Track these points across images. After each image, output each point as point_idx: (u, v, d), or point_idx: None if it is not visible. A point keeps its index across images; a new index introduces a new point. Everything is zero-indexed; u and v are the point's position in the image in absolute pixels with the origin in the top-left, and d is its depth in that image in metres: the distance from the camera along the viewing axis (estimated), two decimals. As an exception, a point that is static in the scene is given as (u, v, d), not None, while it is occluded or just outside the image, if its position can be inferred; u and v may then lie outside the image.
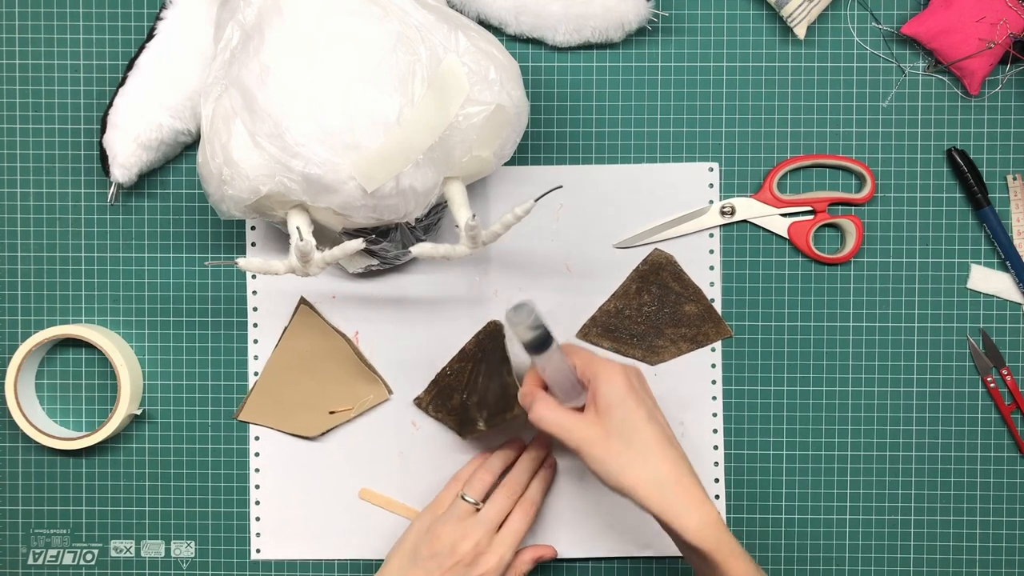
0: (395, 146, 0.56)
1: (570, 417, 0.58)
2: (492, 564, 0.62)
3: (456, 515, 0.64)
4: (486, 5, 0.68)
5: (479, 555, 0.62)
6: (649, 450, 0.57)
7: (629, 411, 0.57)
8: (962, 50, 0.67)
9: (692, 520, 0.56)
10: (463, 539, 0.63)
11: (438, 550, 0.63)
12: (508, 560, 0.63)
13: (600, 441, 0.57)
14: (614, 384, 0.57)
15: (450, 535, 0.63)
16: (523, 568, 0.66)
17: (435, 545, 0.63)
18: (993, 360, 0.70)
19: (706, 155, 0.71)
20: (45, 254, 0.72)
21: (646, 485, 0.56)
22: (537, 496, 0.67)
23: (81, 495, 0.72)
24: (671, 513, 0.56)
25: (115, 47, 0.71)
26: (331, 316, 0.71)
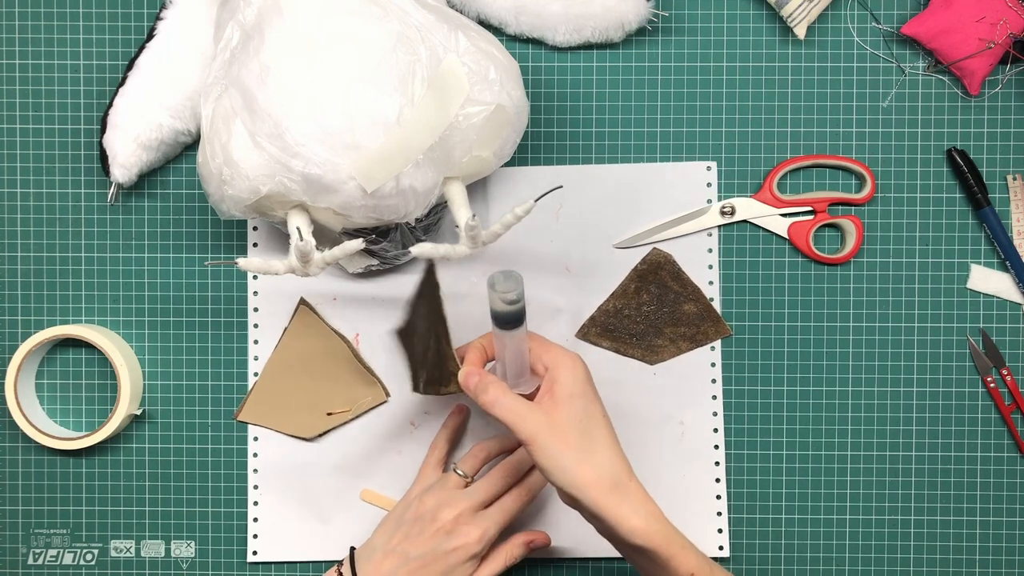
0: (395, 146, 0.56)
1: (525, 405, 0.55)
2: (473, 537, 0.61)
3: (444, 485, 0.64)
4: (486, 5, 0.68)
5: (460, 525, 0.61)
6: (606, 445, 0.55)
7: (589, 402, 0.56)
8: (962, 50, 0.67)
9: (640, 520, 0.54)
10: (446, 507, 0.62)
11: (421, 514, 0.62)
12: (491, 536, 0.62)
13: (555, 431, 0.54)
14: (576, 374, 0.56)
15: (435, 502, 0.62)
16: (515, 551, 0.64)
17: (419, 510, 0.63)
18: (993, 360, 0.70)
19: (706, 155, 0.71)
20: (45, 254, 0.72)
21: (600, 483, 0.54)
22: (536, 487, 0.65)
23: (81, 495, 0.72)
24: (621, 515, 0.54)
25: (115, 47, 0.71)
26: (332, 317, 0.71)
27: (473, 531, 0.61)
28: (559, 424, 0.54)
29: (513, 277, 0.54)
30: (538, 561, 0.72)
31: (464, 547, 0.61)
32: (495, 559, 0.63)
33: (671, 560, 0.55)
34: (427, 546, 0.61)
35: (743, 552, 0.71)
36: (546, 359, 0.57)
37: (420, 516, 0.62)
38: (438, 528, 0.61)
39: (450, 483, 0.64)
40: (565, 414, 0.55)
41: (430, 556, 0.61)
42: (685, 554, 0.55)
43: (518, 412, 0.55)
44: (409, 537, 0.62)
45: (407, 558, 0.61)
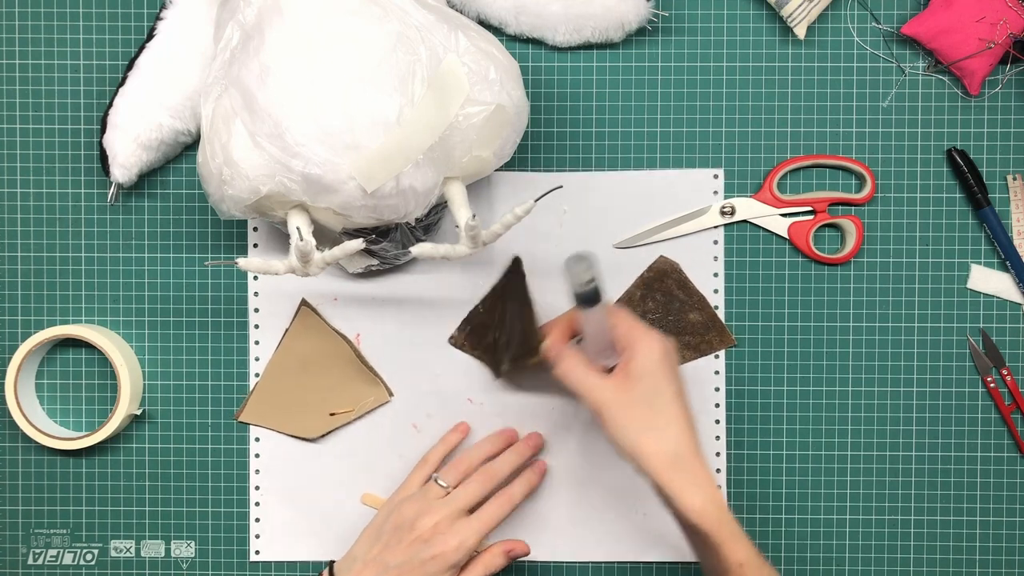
0: (395, 146, 0.56)
1: (596, 377, 0.58)
2: (451, 545, 0.61)
3: (425, 494, 0.64)
4: (486, 5, 0.68)
5: (438, 534, 0.61)
6: (673, 422, 0.56)
7: (662, 381, 0.57)
8: (962, 50, 0.67)
9: (698, 499, 0.55)
10: (424, 515, 0.62)
11: (400, 523, 0.62)
12: (470, 545, 0.61)
13: (623, 406, 0.56)
14: (653, 353, 0.57)
15: (414, 511, 0.62)
16: (495, 561, 0.63)
17: (398, 519, 0.63)
18: (993, 360, 0.70)
19: (706, 155, 0.71)
20: (45, 254, 0.72)
21: (662, 455, 0.56)
22: (517, 494, 0.65)
23: (81, 495, 0.72)
24: (677, 489, 0.56)
25: (115, 47, 0.71)
26: (332, 317, 0.71)
27: (451, 540, 0.61)
28: (627, 398, 0.56)
29: (587, 259, 0.55)
30: (539, 564, 0.72)
31: (442, 555, 0.61)
32: (474, 568, 0.63)
33: (722, 547, 0.56)
34: (405, 555, 0.61)
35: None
36: (628, 337, 0.58)
37: (399, 525, 0.62)
38: (416, 537, 0.61)
39: (431, 493, 0.64)
40: (635, 390, 0.57)
41: (408, 565, 0.61)
42: (737, 544, 0.56)
43: (588, 385, 0.58)
44: (388, 547, 0.62)
45: (386, 567, 0.61)
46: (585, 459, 0.71)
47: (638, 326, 0.59)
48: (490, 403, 0.71)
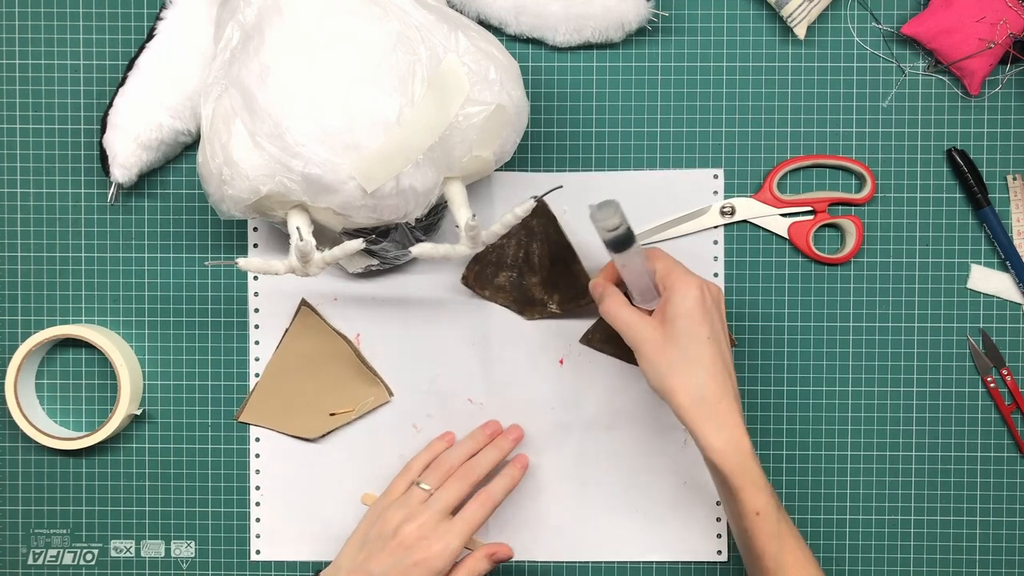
0: (395, 146, 0.56)
1: (636, 316, 0.59)
2: (435, 550, 0.61)
3: (408, 500, 0.63)
4: (486, 5, 0.68)
5: (421, 539, 0.61)
6: (700, 364, 0.57)
7: (693, 324, 0.58)
8: (962, 50, 0.67)
9: (719, 439, 0.57)
10: (407, 521, 0.62)
11: (383, 531, 0.62)
12: (454, 549, 0.61)
13: (658, 344, 0.58)
14: (688, 297, 0.58)
15: (398, 517, 0.62)
16: (478, 566, 0.63)
17: (382, 527, 0.62)
18: (993, 360, 0.70)
19: (706, 155, 0.71)
20: (45, 254, 0.72)
21: (687, 394, 0.57)
22: (498, 492, 0.65)
23: (81, 495, 0.72)
24: (702, 428, 0.57)
25: (115, 47, 0.71)
26: (333, 317, 0.71)
27: (434, 545, 0.61)
28: (662, 338, 0.58)
29: (611, 205, 0.56)
30: (539, 564, 0.72)
31: (425, 561, 0.60)
32: (458, 573, 0.63)
33: (740, 491, 0.57)
34: (389, 562, 0.61)
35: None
36: (667, 280, 0.59)
37: (382, 532, 0.62)
38: (398, 543, 0.61)
39: (413, 498, 0.64)
40: (669, 331, 0.58)
41: (392, 572, 0.61)
42: (756, 491, 0.57)
43: (628, 322, 0.60)
44: (372, 555, 0.62)
45: (370, 568, 0.61)
46: (585, 459, 0.71)
47: (677, 268, 0.60)
48: (490, 403, 0.71)
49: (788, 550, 0.58)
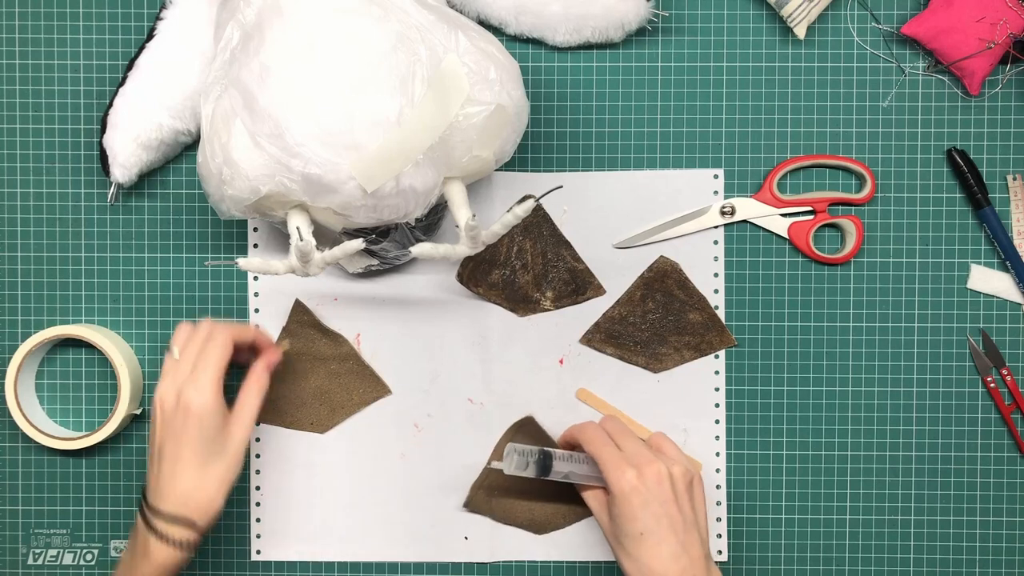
0: (395, 146, 0.55)
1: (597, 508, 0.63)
2: (195, 401, 0.60)
3: (162, 373, 0.62)
4: (486, 5, 0.68)
5: (178, 394, 0.60)
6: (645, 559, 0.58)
7: (628, 523, 0.59)
8: (962, 50, 0.67)
9: None
10: (166, 391, 0.61)
11: (153, 409, 0.61)
12: (210, 382, 0.60)
13: (611, 535, 0.61)
14: (615, 497, 0.60)
15: (159, 391, 0.61)
16: (260, 381, 0.64)
17: (153, 407, 0.62)
18: (993, 360, 0.70)
19: (706, 155, 0.71)
20: (45, 254, 0.72)
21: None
22: (235, 325, 0.64)
23: (81, 495, 0.72)
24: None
25: (115, 47, 0.71)
26: (333, 317, 0.71)
27: (188, 392, 0.60)
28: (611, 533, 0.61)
29: (509, 455, 0.63)
30: (539, 564, 0.72)
31: (189, 411, 0.60)
32: (246, 399, 0.63)
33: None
34: (164, 432, 0.60)
35: (743, 552, 0.71)
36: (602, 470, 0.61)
37: (154, 412, 0.61)
38: (161, 408, 0.61)
39: (166, 367, 0.62)
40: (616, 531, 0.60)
41: (171, 436, 0.60)
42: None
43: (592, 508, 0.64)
44: (156, 433, 0.61)
45: (162, 451, 0.60)
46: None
47: (604, 464, 0.61)
48: (490, 403, 0.71)
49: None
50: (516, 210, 0.58)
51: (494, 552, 0.71)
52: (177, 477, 0.60)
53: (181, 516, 0.60)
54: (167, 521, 0.59)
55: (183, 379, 0.61)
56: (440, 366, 0.71)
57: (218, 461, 0.61)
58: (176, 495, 0.60)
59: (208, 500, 0.60)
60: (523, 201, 0.59)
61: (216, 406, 0.61)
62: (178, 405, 0.60)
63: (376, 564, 0.72)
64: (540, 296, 0.70)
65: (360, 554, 0.72)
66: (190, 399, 0.60)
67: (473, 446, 0.71)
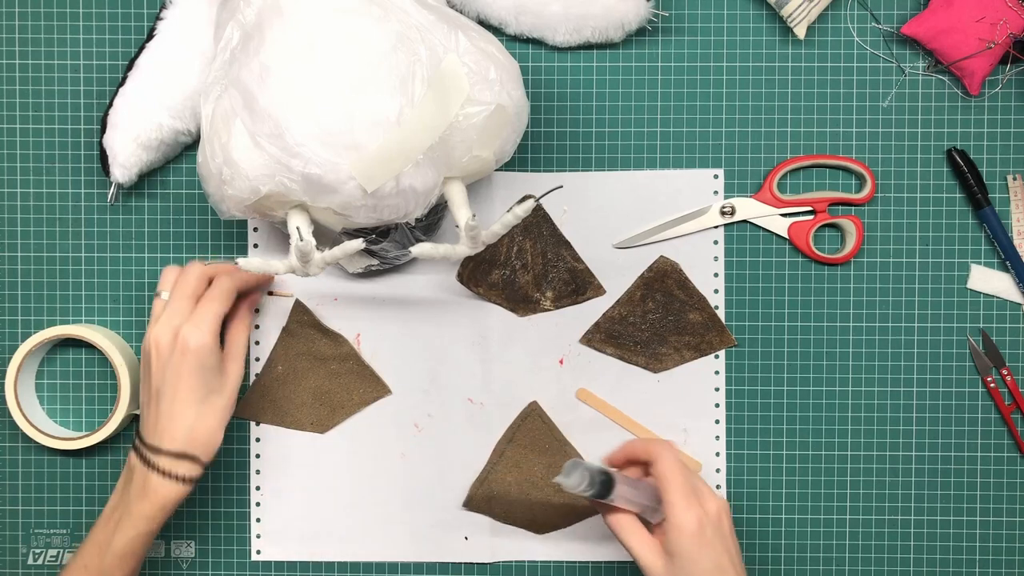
0: (395, 146, 0.55)
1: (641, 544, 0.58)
2: (191, 339, 0.60)
3: (156, 315, 0.63)
4: (486, 5, 0.68)
5: (174, 331, 0.61)
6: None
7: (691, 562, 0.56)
8: (962, 50, 0.67)
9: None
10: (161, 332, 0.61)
11: (147, 352, 0.62)
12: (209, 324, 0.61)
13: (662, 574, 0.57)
14: (684, 534, 0.56)
15: (152, 334, 0.61)
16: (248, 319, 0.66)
17: (144, 351, 0.62)
18: (993, 360, 0.70)
19: (706, 155, 0.71)
20: (45, 254, 0.72)
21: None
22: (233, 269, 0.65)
23: (81, 495, 0.72)
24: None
25: (115, 47, 0.71)
26: (332, 317, 0.71)
27: (186, 330, 0.60)
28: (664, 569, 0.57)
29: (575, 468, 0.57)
30: (539, 564, 0.72)
31: (188, 349, 0.60)
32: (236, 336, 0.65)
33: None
34: (165, 372, 0.61)
35: (743, 552, 0.71)
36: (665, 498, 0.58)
37: (148, 354, 0.62)
38: (156, 347, 0.61)
39: (156, 311, 0.63)
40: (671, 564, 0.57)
41: (170, 375, 0.61)
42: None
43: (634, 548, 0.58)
44: (152, 374, 0.61)
45: (160, 390, 0.61)
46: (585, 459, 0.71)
47: (673, 485, 0.57)
48: (490, 403, 0.71)
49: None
50: (516, 210, 0.58)
51: (494, 552, 0.71)
52: (177, 415, 0.61)
53: (185, 452, 0.61)
54: (171, 458, 0.60)
55: (180, 320, 0.61)
56: (440, 366, 0.71)
57: (216, 397, 0.62)
58: (179, 432, 0.61)
59: (210, 434, 0.62)
60: (523, 201, 0.59)
61: (214, 345, 0.62)
62: (175, 344, 0.61)
63: (376, 564, 0.72)
64: (540, 296, 0.70)
65: (360, 554, 0.72)
66: (188, 336, 0.60)
67: (473, 446, 0.71)
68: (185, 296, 0.62)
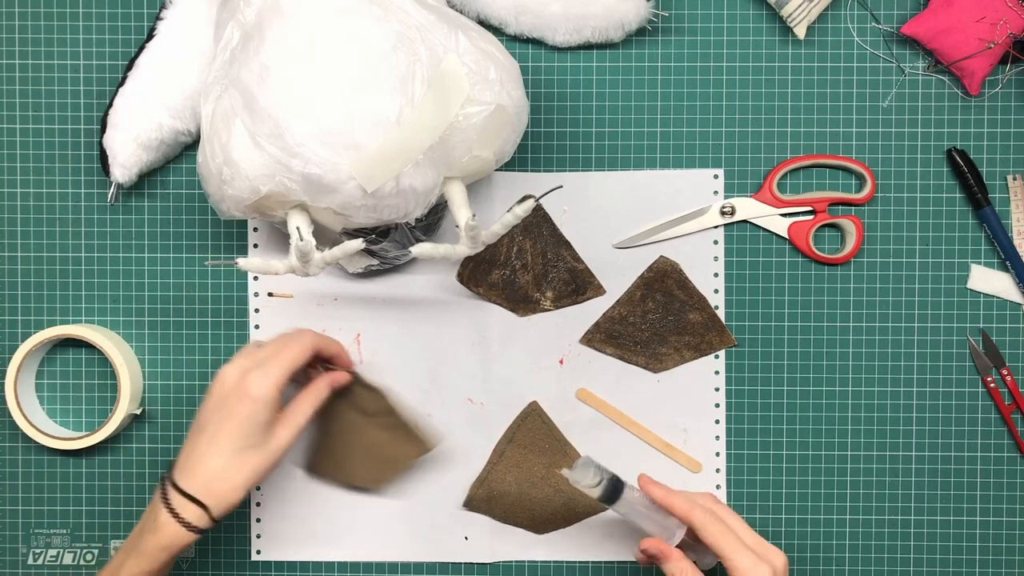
0: (395, 146, 0.56)
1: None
2: (253, 385, 0.59)
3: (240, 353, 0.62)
4: (486, 5, 0.68)
5: (242, 375, 0.60)
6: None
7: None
8: (962, 50, 0.67)
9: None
10: (233, 369, 0.60)
11: (214, 384, 0.61)
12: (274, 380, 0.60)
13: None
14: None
15: (226, 368, 0.61)
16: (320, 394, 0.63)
17: (213, 382, 0.61)
18: (993, 360, 0.70)
19: (706, 155, 0.71)
20: (45, 254, 0.72)
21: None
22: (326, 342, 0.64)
23: (81, 495, 0.72)
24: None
25: (115, 47, 0.71)
26: (332, 317, 0.71)
27: (253, 376, 0.60)
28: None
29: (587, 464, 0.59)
30: (539, 564, 0.72)
31: (247, 394, 0.59)
32: (301, 404, 0.62)
33: None
34: (213, 405, 0.60)
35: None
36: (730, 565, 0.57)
37: (214, 386, 0.61)
38: (220, 384, 0.60)
39: (245, 350, 0.62)
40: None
41: (220, 414, 0.60)
42: None
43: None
44: (206, 408, 0.61)
45: (204, 427, 0.60)
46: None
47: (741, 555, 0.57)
48: (490, 403, 0.71)
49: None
50: (516, 210, 0.58)
51: (494, 552, 0.71)
52: (206, 457, 0.59)
53: (197, 498, 0.59)
54: (183, 498, 0.59)
55: (252, 365, 0.60)
56: (440, 366, 0.71)
57: (254, 454, 0.60)
58: (200, 475, 0.59)
59: (230, 489, 0.59)
60: (523, 201, 0.59)
61: (272, 398, 0.60)
62: (237, 386, 0.60)
63: (376, 564, 0.72)
64: (540, 296, 0.70)
65: (360, 554, 0.72)
66: (250, 383, 0.59)
67: (473, 446, 0.71)
68: (270, 350, 0.61)
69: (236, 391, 0.59)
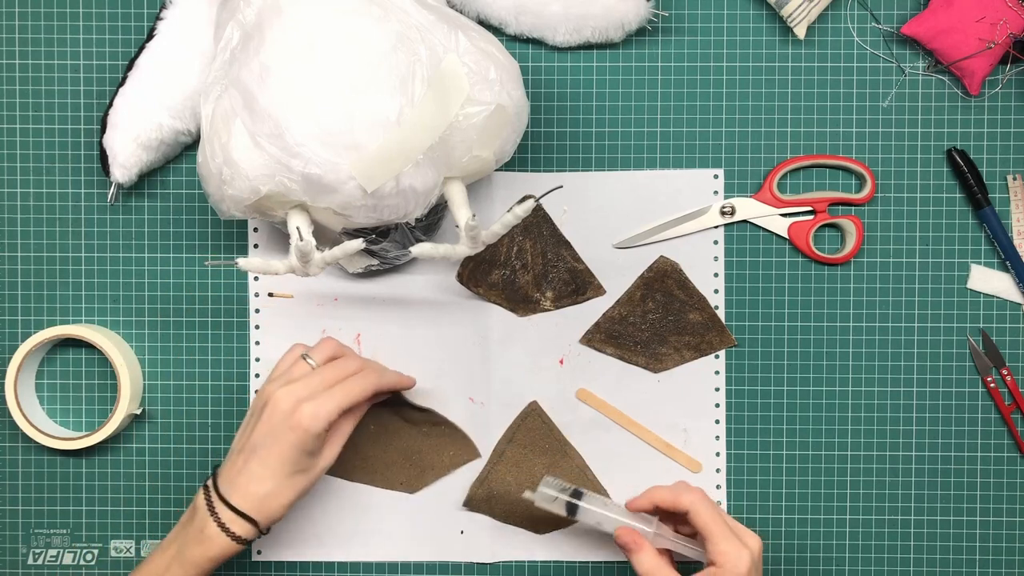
0: (395, 146, 0.56)
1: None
2: (307, 412, 0.59)
3: (291, 373, 0.62)
4: (486, 5, 0.68)
5: (296, 403, 0.60)
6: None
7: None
8: (962, 50, 0.67)
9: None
10: (287, 393, 0.60)
11: (265, 403, 0.61)
12: (328, 412, 0.60)
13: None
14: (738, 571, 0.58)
15: (278, 389, 0.61)
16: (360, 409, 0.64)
17: (263, 398, 0.61)
18: (993, 360, 0.70)
19: (706, 155, 0.71)
20: (45, 254, 0.72)
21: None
22: (385, 375, 0.65)
23: (81, 495, 0.72)
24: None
25: (115, 47, 0.71)
26: (332, 317, 0.71)
27: (306, 407, 0.60)
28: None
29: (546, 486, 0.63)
30: (539, 564, 0.72)
31: (300, 426, 0.59)
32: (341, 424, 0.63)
33: None
34: (264, 429, 0.60)
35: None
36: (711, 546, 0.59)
37: (264, 405, 0.61)
38: (273, 407, 0.60)
39: (296, 370, 0.63)
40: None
41: (270, 440, 0.60)
42: None
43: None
44: (255, 428, 0.61)
45: (254, 448, 0.60)
46: (585, 459, 0.71)
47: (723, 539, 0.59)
48: (490, 403, 0.71)
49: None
50: (516, 210, 0.58)
51: (494, 552, 0.71)
52: (260, 479, 0.60)
53: (249, 515, 0.60)
54: (234, 514, 0.60)
55: (307, 395, 0.60)
56: (440, 366, 0.71)
57: (301, 477, 0.61)
58: (253, 494, 0.60)
59: (279, 507, 0.61)
60: (523, 201, 0.59)
61: (324, 434, 0.61)
62: (292, 416, 0.60)
63: (376, 564, 0.72)
64: (540, 296, 0.70)
65: (360, 554, 0.72)
66: (303, 415, 0.59)
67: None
68: (328, 379, 0.61)
69: (289, 420, 0.60)
